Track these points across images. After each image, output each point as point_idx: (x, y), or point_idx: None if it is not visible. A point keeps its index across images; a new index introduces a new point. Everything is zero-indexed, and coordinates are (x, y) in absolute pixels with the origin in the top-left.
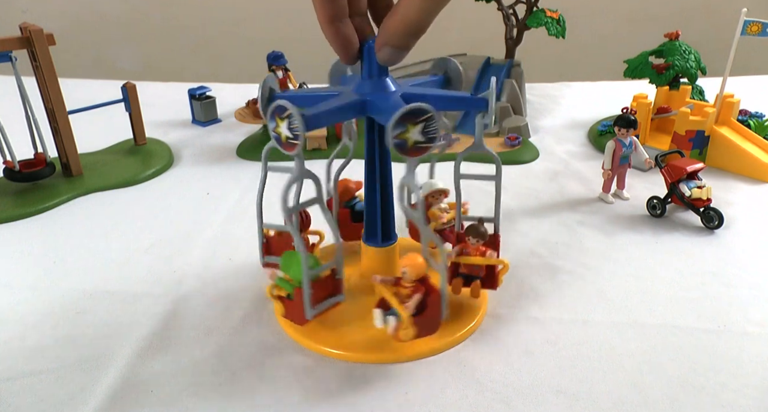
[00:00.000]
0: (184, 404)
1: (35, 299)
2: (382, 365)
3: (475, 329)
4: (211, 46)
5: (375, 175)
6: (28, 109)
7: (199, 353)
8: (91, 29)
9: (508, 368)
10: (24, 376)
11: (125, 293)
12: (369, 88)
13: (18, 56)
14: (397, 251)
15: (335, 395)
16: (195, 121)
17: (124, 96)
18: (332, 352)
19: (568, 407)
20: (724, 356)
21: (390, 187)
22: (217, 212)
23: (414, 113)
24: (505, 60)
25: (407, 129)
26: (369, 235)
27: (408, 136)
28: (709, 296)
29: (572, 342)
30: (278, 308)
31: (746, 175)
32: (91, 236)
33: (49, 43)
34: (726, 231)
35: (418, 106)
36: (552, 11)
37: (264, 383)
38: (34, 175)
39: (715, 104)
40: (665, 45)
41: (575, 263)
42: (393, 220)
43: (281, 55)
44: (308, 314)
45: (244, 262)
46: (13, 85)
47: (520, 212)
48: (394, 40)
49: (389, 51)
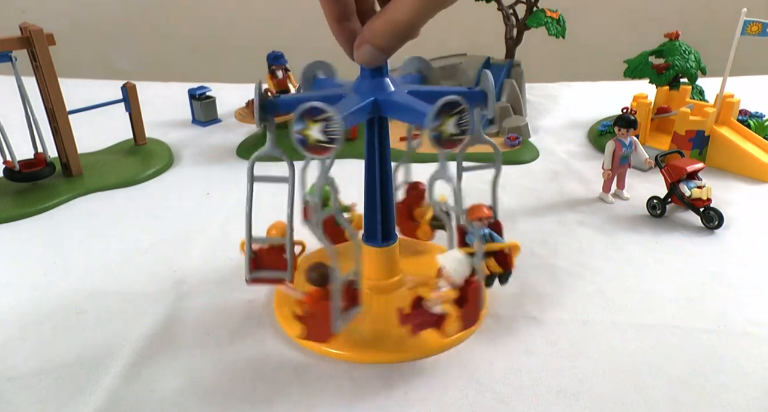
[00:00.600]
0: (184, 404)
1: (35, 299)
2: (381, 364)
3: (475, 330)
4: (211, 46)
5: (375, 175)
6: (28, 109)
7: (199, 352)
8: (91, 29)
9: (508, 368)
10: (24, 376)
11: (125, 293)
12: (371, 87)
13: (18, 56)
14: (397, 250)
15: (335, 395)
16: (195, 121)
17: (124, 96)
18: (332, 352)
19: (568, 407)
20: (724, 356)
21: (390, 186)
22: (217, 212)
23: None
24: (505, 60)
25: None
26: (369, 235)
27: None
28: (709, 296)
29: (572, 342)
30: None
31: (746, 175)
32: (91, 236)
33: (49, 43)
34: (726, 231)
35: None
36: (552, 11)
37: (264, 383)
38: (34, 175)
39: (715, 104)
40: (665, 45)
41: (575, 263)
42: (393, 219)
43: (281, 55)
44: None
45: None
46: (13, 85)
47: (520, 211)
48: (376, 40)
49: (369, 50)
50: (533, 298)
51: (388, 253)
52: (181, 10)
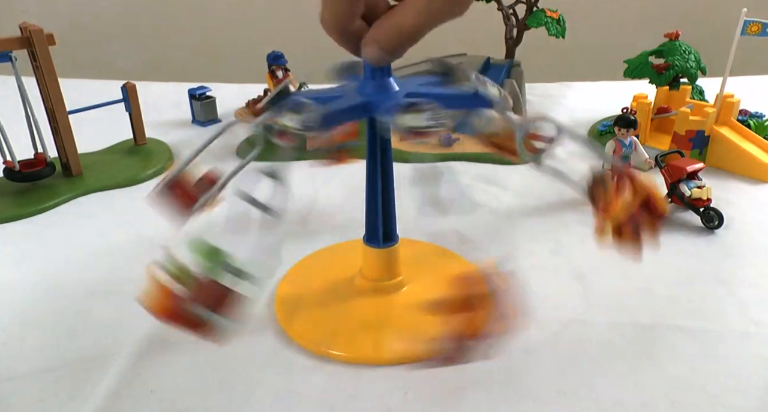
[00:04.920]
0: (184, 404)
1: (35, 298)
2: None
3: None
4: (211, 46)
5: (376, 176)
6: (28, 109)
7: (199, 352)
8: (91, 29)
9: (509, 368)
10: (24, 376)
11: (125, 293)
12: (372, 88)
13: (18, 56)
14: (398, 251)
15: (335, 395)
16: (195, 121)
17: (124, 96)
18: (332, 352)
19: (568, 407)
20: (724, 356)
21: (391, 186)
22: (217, 211)
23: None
24: (505, 60)
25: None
26: (370, 236)
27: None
28: (709, 296)
29: (572, 342)
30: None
31: (746, 175)
32: (91, 236)
33: (49, 43)
34: (726, 231)
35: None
36: (552, 11)
37: (263, 383)
38: (34, 175)
39: (715, 104)
40: (665, 45)
41: (575, 263)
42: (394, 220)
43: (281, 55)
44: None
45: (244, 261)
46: (13, 85)
47: (520, 211)
48: (383, 42)
49: (377, 50)
50: (533, 298)
51: (389, 254)
52: (181, 10)
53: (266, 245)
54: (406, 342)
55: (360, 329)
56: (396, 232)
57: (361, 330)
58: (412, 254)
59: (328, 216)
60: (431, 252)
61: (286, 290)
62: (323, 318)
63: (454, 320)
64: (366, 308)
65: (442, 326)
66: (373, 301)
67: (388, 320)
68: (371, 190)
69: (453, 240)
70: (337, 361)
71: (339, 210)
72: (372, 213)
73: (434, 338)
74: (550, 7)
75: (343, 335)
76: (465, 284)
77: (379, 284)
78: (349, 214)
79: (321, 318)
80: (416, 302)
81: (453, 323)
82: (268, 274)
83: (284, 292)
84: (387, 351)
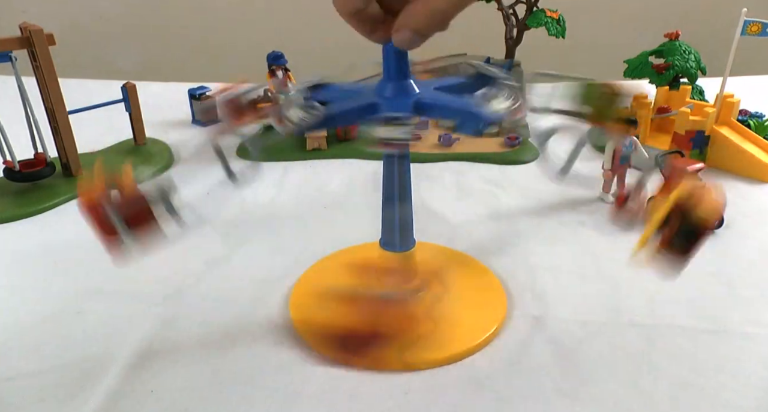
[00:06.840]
0: (184, 405)
1: (35, 299)
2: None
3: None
4: (211, 46)
5: (393, 180)
6: (28, 109)
7: (198, 352)
8: (91, 29)
9: (508, 368)
10: (24, 376)
11: (125, 293)
12: (388, 90)
13: (18, 56)
14: (414, 256)
15: (335, 395)
16: (195, 121)
17: (124, 96)
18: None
19: (568, 407)
20: (724, 356)
21: (409, 191)
22: (217, 211)
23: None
24: (505, 60)
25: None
26: (386, 240)
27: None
28: (709, 296)
29: (572, 342)
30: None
31: (746, 175)
32: (91, 236)
33: (49, 43)
34: (726, 231)
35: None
36: (552, 11)
37: (264, 383)
38: (34, 175)
39: (715, 104)
40: (665, 45)
41: (575, 263)
42: (412, 225)
43: (281, 55)
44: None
45: (244, 262)
46: (13, 85)
47: (520, 212)
48: (414, 24)
49: (408, 34)
50: (533, 297)
51: (406, 258)
52: (181, 10)
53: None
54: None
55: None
56: (413, 237)
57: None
58: (429, 258)
59: (342, 215)
60: (450, 256)
61: (301, 290)
62: (323, 318)
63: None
64: (379, 313)
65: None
66: (386, 306)
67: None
68: (388, 195)
69: (464, 243)
70: (337, 361)
71: (354, 208)
72: (389, 218)
73: None
74: (550, 7)
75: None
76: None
77: (395, 288)
78: (364, 214)
79: (321, 318)
80: (428, 308)
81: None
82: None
83: (299, 292)
84: (393, 356)
